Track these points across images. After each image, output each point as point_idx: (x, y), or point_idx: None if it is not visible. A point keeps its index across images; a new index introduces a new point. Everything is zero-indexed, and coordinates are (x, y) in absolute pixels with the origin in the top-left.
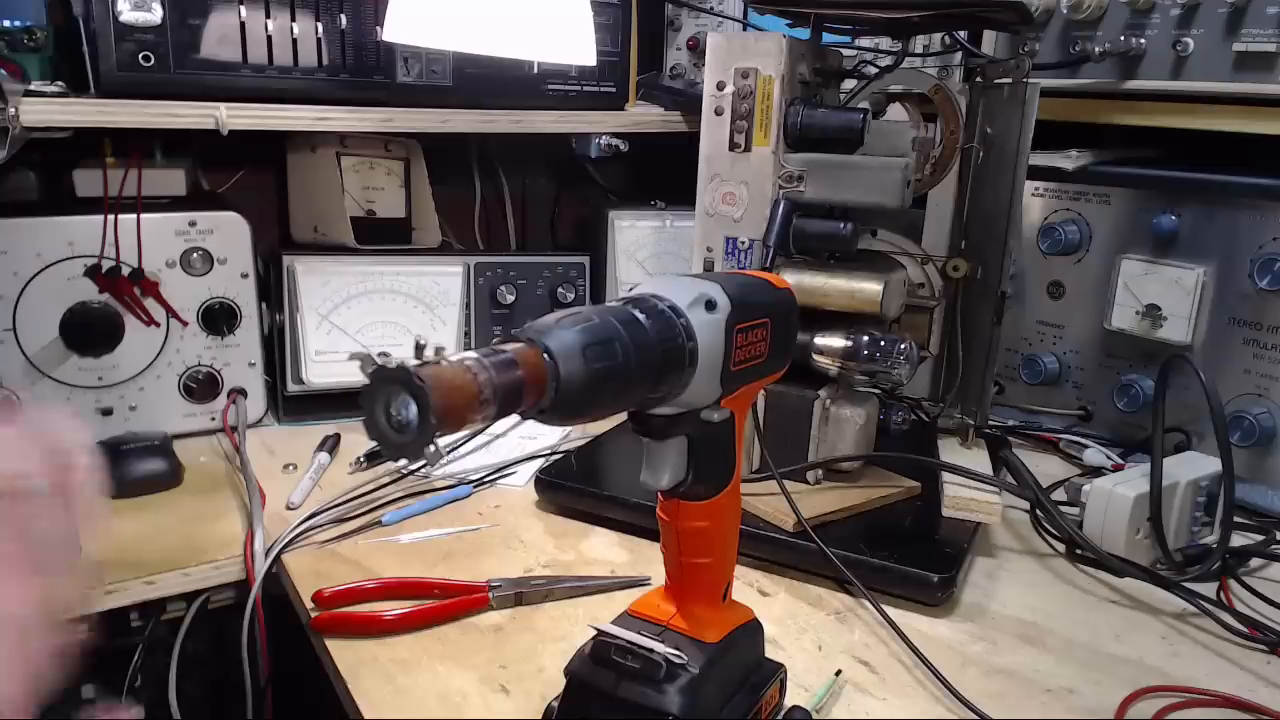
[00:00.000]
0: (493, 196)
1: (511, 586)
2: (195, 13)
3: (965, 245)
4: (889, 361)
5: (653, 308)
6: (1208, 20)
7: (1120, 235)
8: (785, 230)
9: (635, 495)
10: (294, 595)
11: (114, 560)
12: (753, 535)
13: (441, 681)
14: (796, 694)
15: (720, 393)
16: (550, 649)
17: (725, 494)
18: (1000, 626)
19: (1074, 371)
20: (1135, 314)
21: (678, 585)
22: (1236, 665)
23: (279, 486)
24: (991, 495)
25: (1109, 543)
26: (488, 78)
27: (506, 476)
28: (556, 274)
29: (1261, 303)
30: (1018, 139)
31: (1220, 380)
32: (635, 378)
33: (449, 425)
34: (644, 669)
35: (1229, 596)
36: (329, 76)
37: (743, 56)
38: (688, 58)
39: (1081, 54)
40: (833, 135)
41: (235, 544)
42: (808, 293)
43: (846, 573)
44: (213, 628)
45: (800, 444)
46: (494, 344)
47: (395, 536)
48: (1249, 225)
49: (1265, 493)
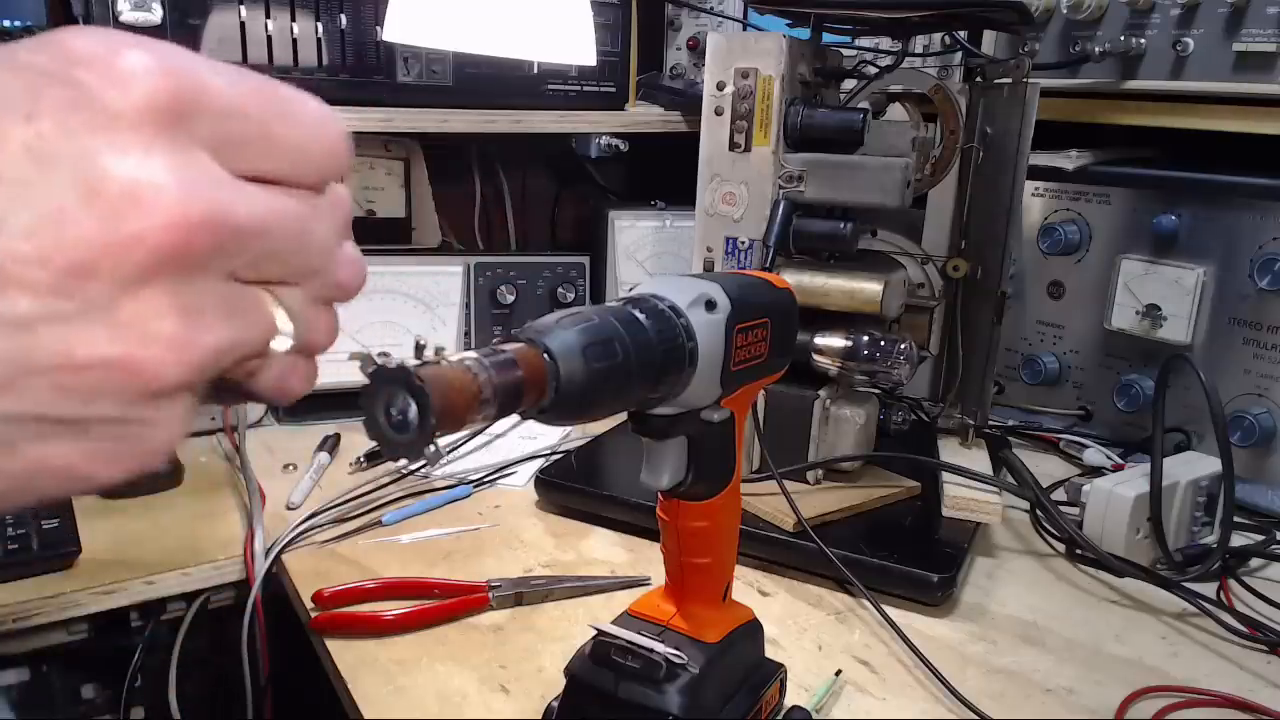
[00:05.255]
0: (492, 196)
1: (511, 586)
2: (195, 13)
3: (965, 245)
4: (889, 361)
5: (653, 308)
6: (1208, 20)
7: (1120, 235)
8: (785, 230)
9: (635, 495)
10: (294, 595)
11: (114, 560)
12: (753, 535)
13: (441, 681)
14: (796, 694)
15: (720, 393)
16: (550, 649)
17: (725, 494)
18: (1000, 626)
19: (1074, 371)
20: (1135, 314)
21: (678, 585)
22: (1236, 665)
23: (279, 486)
24: (991, 495)
25: (1109, 543)
26: (488, 78)
27: (506, 476)
28: (556, 274)
29: (1261, 303)
30: (1018, 139)
31: (1220, 380)
32: (635, 378)
33: (449, 425)
34: (644, 669)
35: (1229, 596)
36: (329, 76)
37: (743, 56)
38: (688, 58)
39: (1081, 54)
40: (833, 135)
41: (235, 544)
42: (808, 293)
43: (846, 573)
44: (213, 628)
45: (800, 444)
46: (494, 344)
47: (395, 536)
48: (1249, 225)
49: (1265, 493)
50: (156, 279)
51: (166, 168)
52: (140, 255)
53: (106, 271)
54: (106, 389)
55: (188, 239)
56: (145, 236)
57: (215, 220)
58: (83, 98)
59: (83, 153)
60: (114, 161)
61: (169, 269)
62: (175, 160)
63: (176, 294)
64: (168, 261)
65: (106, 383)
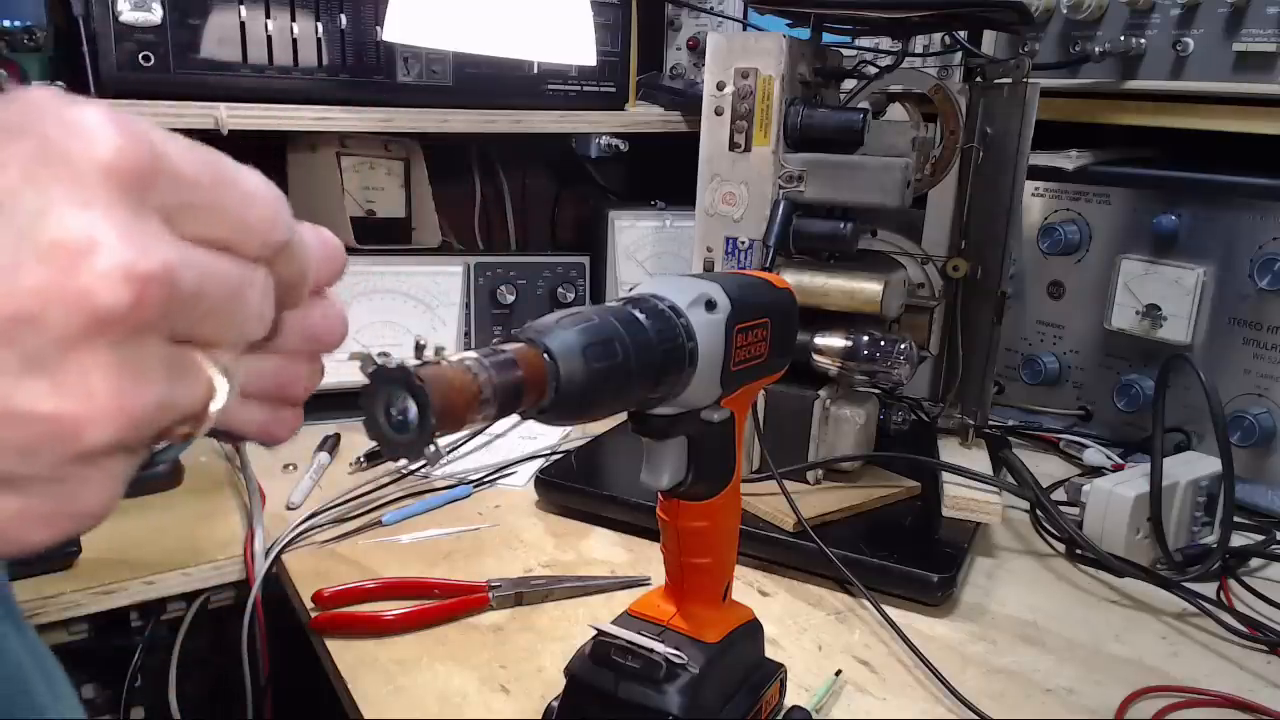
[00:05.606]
0: (492, 196)
1: (511, 586)
2: (195, 13)
3: (965, 245)
4: (889, 361)
5: (653, 308)
6: (1208, 20)
7: (1120, 235)
8: (785, 230)
9: (635, 495)
10: (294, 595)
11: (114, 560)
12: (753, 535)
13: (441, 681)
14: (796, 694)
15: (720, 393)
16: (550, 649)
17: (725, 494)
18: (1000, 626)
19: (1074, 371)
20: (1135, 314)
21: (678, 585)
22: (1236, 665)
23: (279, 486)
24: (991, 495)
25: (1109, 543)
26: (488, 78)
27: (506, 476)
28: (556, 274)
29: (1261, 303)
30: (1018, 139)
31: (1220, 380)
32: (635, 378)
33: (449, 425)
34: (644, 669)
35: (1229, 596)
36: (329, 76)
37: (743, 56)
38: (688, 58)
39: (1081, 54)
40: (833, 135)
41: (235, 544)
42: (808, 293)
43: (846, 573)
44: (213, 628)
45: (800, 444)
46: (494, 344)
47: (395, 536)
48: (1249, 225)
49: (1265, 493)
50: (101, 336)
51: (124, 225)
52: (89, 309)
53: (54, 324)
54: (43, 445)
55: (139, 297)
56: (96, 292)
57: (165, 280)
58: (51, 153)
59: (46, 205)
60: (74, 215)
61: (116, 327)
62: (132, 220)
63: (119, 352)
64: (116, 319)
65: (43, 438)
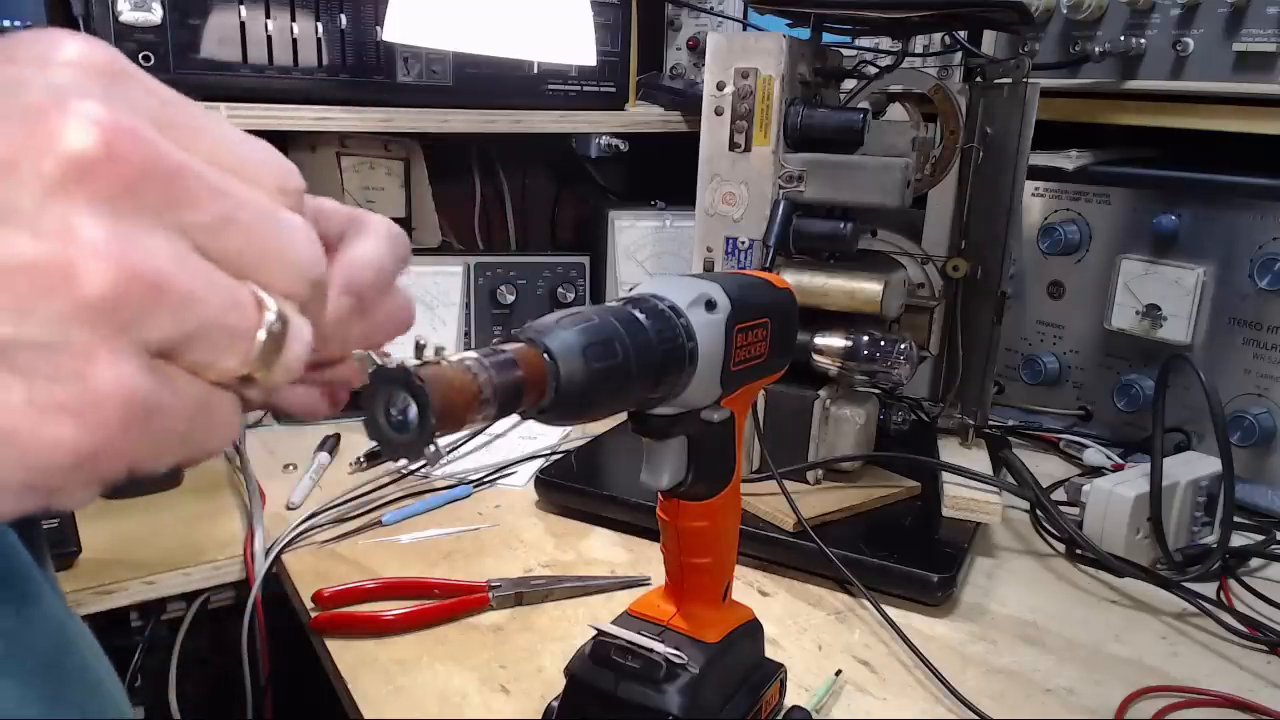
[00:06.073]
0: (492, 196)
1: (511, 586)
2: (195, 13)
3: (965, 245)
4: (889, 361)
5: (653, 308)
6: (1208, 20)
7: (1120, 235)
8: (785, 230)
9: (635, 495)
10: (294, 595)
11: (114, 560)
12: (753, 535)
13: (441, 681)
14: (796, 694)
15: (720, 393)
16: (550, 649)
17: (725, 494)
18: (1000, 626)
19: (1074, 371)
20: (1135, 314)
21: (678, 585)
22: (1236, 665)
23: (279, 486)
24: (991, 495)
25: (1109, 543)
26: (488, 78)
27: (506, 476)
28: (556, 274)
29: (1261, 303)
30: (1018, 139)
31: (1220, 380)
32: (635, 378)
33: (449, 425)
34: (644, 669)
35: (1229, 596)
36: (329, 76)
37: (743, 56)
38: (688, 58)
39: (1081, 54)
40: (833, 135)
41: (235, 544)
42: (808, 293)
43: (846, 573)
44: (213, 628)
45: (800, 444)
46: (494, 344)
47: (395, 536)
48: (1249, 225)
49: (1265, 493)
50: (79, 186)
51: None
52: (59, 151)
53: (26, 172)
54: (35, 298)
55: (108, 144)
56: (63, 133)
57: (135, 136)
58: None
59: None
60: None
61: (92, 177)
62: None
63: (108, 208)
64: (88, 165)
65: (34, 291)
